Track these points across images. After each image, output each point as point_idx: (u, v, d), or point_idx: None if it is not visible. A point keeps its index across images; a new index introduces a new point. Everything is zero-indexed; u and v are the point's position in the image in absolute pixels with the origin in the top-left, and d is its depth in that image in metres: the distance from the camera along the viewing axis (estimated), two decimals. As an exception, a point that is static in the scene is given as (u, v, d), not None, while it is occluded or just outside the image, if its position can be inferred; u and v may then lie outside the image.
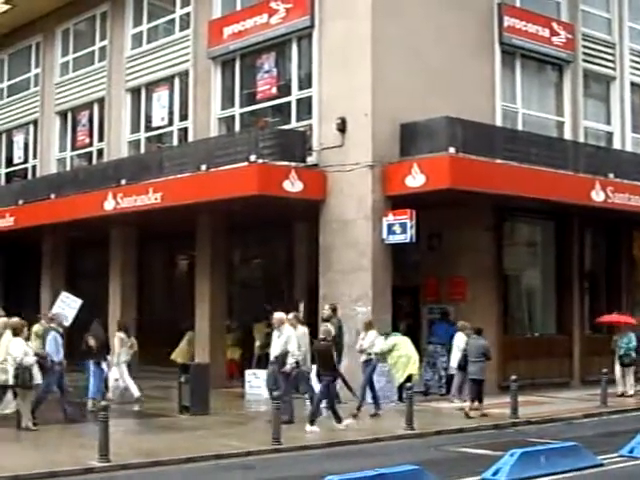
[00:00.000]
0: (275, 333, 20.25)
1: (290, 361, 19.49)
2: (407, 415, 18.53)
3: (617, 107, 29.73)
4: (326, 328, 19.82)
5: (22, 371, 17.94)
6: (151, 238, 30.68)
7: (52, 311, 23.69)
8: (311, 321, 23.00)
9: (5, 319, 20.13)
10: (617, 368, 24.93)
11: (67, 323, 23.42)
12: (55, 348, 19.76)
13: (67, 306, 24.66)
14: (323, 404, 19.22)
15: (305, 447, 16.92)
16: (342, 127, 23.73)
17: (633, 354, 24.93)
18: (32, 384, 18.27)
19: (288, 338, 19.71)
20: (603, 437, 18.08)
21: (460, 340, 22.16)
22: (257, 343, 26.61)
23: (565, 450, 14.29)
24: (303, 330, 20.34)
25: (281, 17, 25.63)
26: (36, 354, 18.69)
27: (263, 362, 23.95)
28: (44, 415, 19.00)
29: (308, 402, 20.32)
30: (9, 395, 18.97)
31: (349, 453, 16.51)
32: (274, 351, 20.06)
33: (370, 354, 21.19)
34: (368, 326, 21.53)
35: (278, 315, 20.35)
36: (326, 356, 19.06)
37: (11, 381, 18.09)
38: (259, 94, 26.72)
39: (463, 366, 21.58)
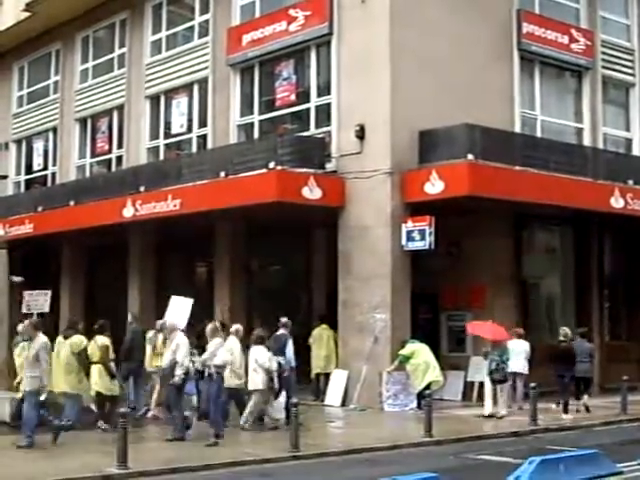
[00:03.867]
0: (167, 342, 18.92)
1: (178, 372, 17.92)
2: (426, 422, 18.48)
3: (636, 113, 29.63)
4: (565, 332, 22.51)
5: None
6: (170, 245, 30.73)
7: (165, 318, 23.62)
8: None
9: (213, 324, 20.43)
10: (487, 385, 22.04)
11: (182, 327, 23.49)
12: (292, 354, 20.85)
13: (178, 310, 24.20)
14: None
15: (323, 454, 16.87)
16: (361, 134, 23.74)
17: (508, 369, 21.87)
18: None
19: (177, 347, 18.12)
20: (623, 445, 17.98)
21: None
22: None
23: (584, 458, 14.18)
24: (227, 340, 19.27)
25: (300, 24, 25.67)
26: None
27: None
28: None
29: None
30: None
31: (367, 460, 16.47)
32: (164, 361, 18.63)
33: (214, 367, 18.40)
34: (213, 332, 18.95)
35: (171, 322, 19.27)
36: (568, 356, 22.08)
37: (261, 386, 19.43)
38: (278, 101, 26.76)
39: None
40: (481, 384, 24.16)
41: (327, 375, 24.61)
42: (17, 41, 36.89)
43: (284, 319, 21.60)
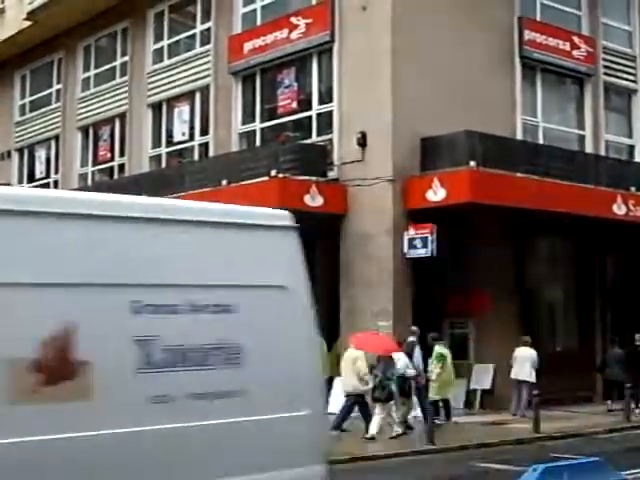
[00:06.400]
0: None
1: None
2: (429, 430, 18.45)
3: (638, 120, 29.61)
4: None
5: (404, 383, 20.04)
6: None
7: None
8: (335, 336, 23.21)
9: None
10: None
11: None
12: (420, 360, 21.20)
13: None
14: None
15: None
16: (362, 141, 23.73)
17: (392, 386, 19.65)
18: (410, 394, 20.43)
19: None
20: (626, 452, 17.93)
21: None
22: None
23: (588, 465, 14.12)
24: None
25: (301, 32, 25.69)
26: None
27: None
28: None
29: None
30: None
31: (370, 468, 16.45)
32: None
33: None
34: None
35: None
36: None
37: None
38: (280, 109, 26.77)
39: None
40: (484, 392, 24.19)
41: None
42: (19, 50, 36.94)
43: (414, 327, 22.02)
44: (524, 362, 22.93)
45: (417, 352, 21.19)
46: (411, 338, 21.48)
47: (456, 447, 18.55)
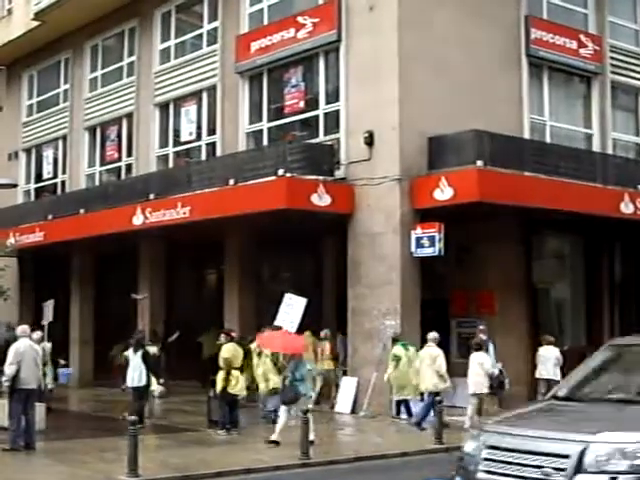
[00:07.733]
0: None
1: (2, 379, 17.35)
2: (436, 429, 18.44)
3: (646, 118, 29.59)
4: None
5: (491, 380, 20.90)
6: (180, 252, 30.75)
7: (277, 317, 22.61)
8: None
9: None
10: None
11: (293, 329, 22.04)
12: (493, 359, 21.91)
13: (291, 309, 22.59)
14: None
15: (333, 462, 16.85)
16: (370, 141, 23.73)
17: (301, 389, 18.29)
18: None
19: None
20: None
21: None
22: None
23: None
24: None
25: (308, 31, 25.68)
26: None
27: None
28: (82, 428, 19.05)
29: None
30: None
31: (377, 468, 16.45)
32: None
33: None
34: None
35: (21, 328, 18.33)
36: None
37: (485, 390, 20.60)
38: (287, 108, 26.77)
39: None
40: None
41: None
42: (27, 50, 37.00)
43: (482, 326, 22.69)
44: (547, 361, 22.99)
45: (491, 351, 21.79)
46: (483, 337, 21.92)
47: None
